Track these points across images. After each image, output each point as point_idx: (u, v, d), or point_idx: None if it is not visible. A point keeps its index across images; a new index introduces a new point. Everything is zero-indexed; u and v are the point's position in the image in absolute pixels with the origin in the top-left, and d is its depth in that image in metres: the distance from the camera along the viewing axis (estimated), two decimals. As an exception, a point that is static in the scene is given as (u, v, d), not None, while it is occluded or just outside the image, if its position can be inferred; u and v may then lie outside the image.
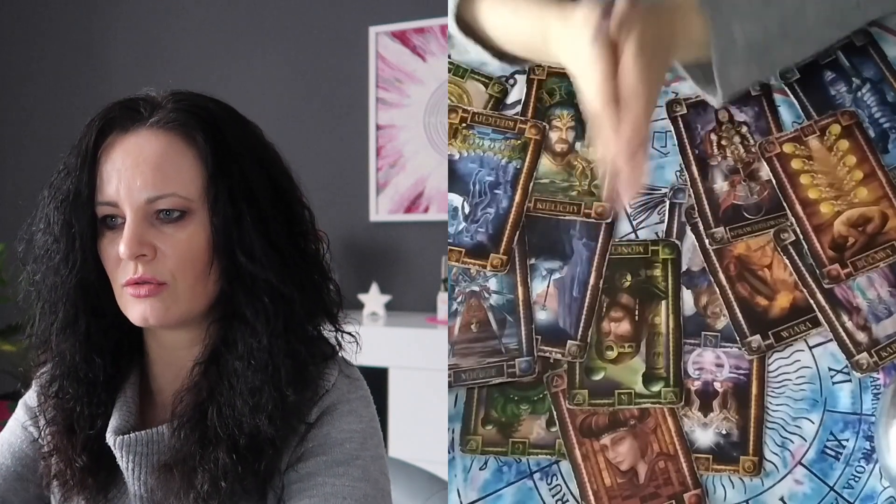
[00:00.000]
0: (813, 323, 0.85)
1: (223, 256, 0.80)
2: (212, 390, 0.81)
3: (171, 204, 0.78)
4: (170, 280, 0.79)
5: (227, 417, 0.79)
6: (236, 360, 0.80)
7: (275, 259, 0.81)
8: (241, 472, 0.78)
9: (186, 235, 0.79)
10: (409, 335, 2.42)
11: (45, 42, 3.46)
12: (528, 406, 0.86)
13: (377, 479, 0.82)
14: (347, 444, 0.82)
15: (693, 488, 0.82)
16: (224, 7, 3.13)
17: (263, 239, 0.80)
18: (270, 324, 0.80)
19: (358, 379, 0.87)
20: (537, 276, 0.89)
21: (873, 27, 0.93)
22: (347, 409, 0.83)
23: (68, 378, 0.84)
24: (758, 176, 0.90)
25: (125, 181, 0.78)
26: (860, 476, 0.81)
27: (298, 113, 2.98)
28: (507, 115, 0.94)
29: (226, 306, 0.82)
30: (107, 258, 0.80)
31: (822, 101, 0.92)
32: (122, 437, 0.82)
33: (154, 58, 3.23)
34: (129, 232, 0.77)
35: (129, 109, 0.82)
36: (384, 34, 2.85)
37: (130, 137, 0.80)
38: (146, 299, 0.78)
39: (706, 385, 0.85)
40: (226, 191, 0.79)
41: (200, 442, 0.79)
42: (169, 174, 0.79)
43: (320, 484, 0.79)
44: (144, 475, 0.82)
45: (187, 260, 0.79)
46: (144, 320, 0.79)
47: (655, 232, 0.90)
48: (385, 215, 2.86)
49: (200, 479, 0.78)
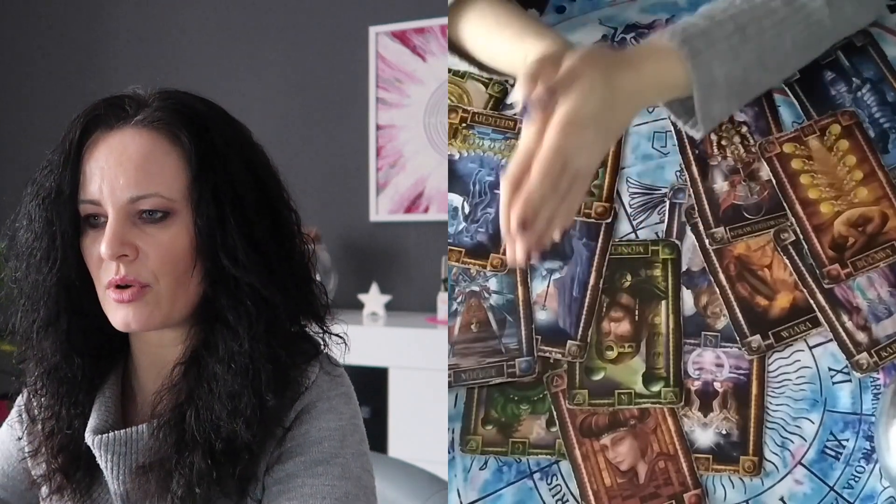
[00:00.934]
0: (813, 323, 0.85)
1: (206, 259, 0.79)
2: (191, 392, 0.80)
3: (154, 204, 0.77)
4: (152, 281, 0.78)
5: (205, 421, 0.78)
6: (216, 363, 0.79)
7: (258, 262, 0.79)
8: (217, 476, 0.77)
9: (169, 236, 0.78)
10: (409, 335, 2.41)
11: (46, 42, 3.46)
12: (528, 406, 0.86)
13: (359, 476, 0.81)
14: (326, 443, 0.80)
15: (693, 488, 0.82)
16: (224, 7, 3.13)
17: (247, 241, 0.79)
18: (252, 328, 0.79)
19: (339, 376, 0.85)
20: (537, 276, 0.89)
21: (874, 27, 0.93)
22: (326, 406, 0.82)
23: (49, 377, 0.84)
24: (758, 176, 0.90)
25: (108, 180, 0.77)
26: (860, 476, 0.81)
27: (298, 113, 2.98)
28: (507, 115, 0.94)
29: (208, 309, 0.81)
30: (89, 257, 0.79)
31: (822, 101, 0.92)
32: (100, 437, 0.81)
33: (154, 58, 3.23)
34: (110, 232, 0.76)
35: (115, 107, 0.80)
36: (384, 34, 2.85)
37: (115, 135, 0.79)
38: (129, 304, 0.77)
39: (706, 385, 0.85)
40: (210, 192, 0.78)
41: (177, 445, 0.78)
42: (152, 174, 0.77)
43: (300, 485, 0.78)
44: (123, 475, 0.81)
45: (169, 261, 0.78)
46: (127, 325, 0.78)
47: (655, 232, 0.90)
48: (385, 215, 2.86)
49: (176, 484, 0.77)
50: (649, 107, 0.90)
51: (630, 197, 0.91)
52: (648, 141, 0.92)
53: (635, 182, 0.91)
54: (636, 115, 0.85)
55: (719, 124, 0.92)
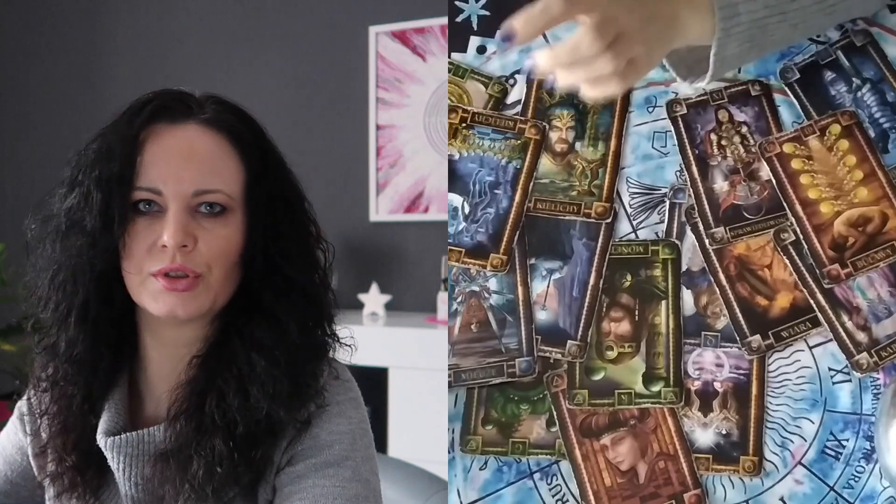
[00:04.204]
0: (813, 323, 0.85)
1: (257, 256, 0.82)
2: (213, 379, 0.81)
3: (216, 199, 0.80)
4: (205, 272, 0.80)
5: (230, 406, 0.80)
6: (253, 351, 0.82)
7: (305, 262, 0.85)
8: (237, 459, 0.79)
9: (226, 231, 0.81)
10: (409, 335, 2.42)
11: (46, 43, 3.46)
12: (528, 406, 0.86)
13: (368, 479, 0.82)
14: (337, 446, 0.82)
15: (693, 488, 0.82)
16: (224, 7, 3.13)
17: (295, 243, 0.85)
18: (299, 322, 0.84)
19: (348, 381, 0.88)
20: (537, 276, 0.89)
21: (873, 27, 0.94)
22: (336, 410, 0.84)
23: (72, 365, 0.84)
24: (758, 176, 0.90)
25: (173, 172, 0.79)
26: (860, 476, 0.81)
27: (298, 113, 2.98)
28: (507, 115, 0.94)
29: (245, 302, 0.84)
30: (137, 243, 0.79)
31: (822, 101, 0.92)
32: (112, 439, 0.82)
33: (154, 58, 3.23)
34: (175, 221, 0.78)
35: (179, 101, 0.83)
36: (384, 34, 2.85)
37: (180, 129, 0.81)
38: (180, 293, 0.79)
39: (706, 385, 0.85)
40: (265, 194, 0.83)
41: (198, 430, 0.80)
42: (216, 171, 0.81)
43: (310, 486, 0.79)
44: (135, 475, 0.82)
45: (222, 255, 0.81)
46: (171, 312, 0.79)
47: (655, 232, 0.90)
48: (385, 215, 2.86)
49: (196, 465, 0.78)
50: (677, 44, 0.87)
51: (630, 197, 0.91)
52: (648, 141, 0.92)
53: (635, 182, 0.91)
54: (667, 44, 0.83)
55: (720, 124, 0.92)
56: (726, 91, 0.92)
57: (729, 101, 0.91)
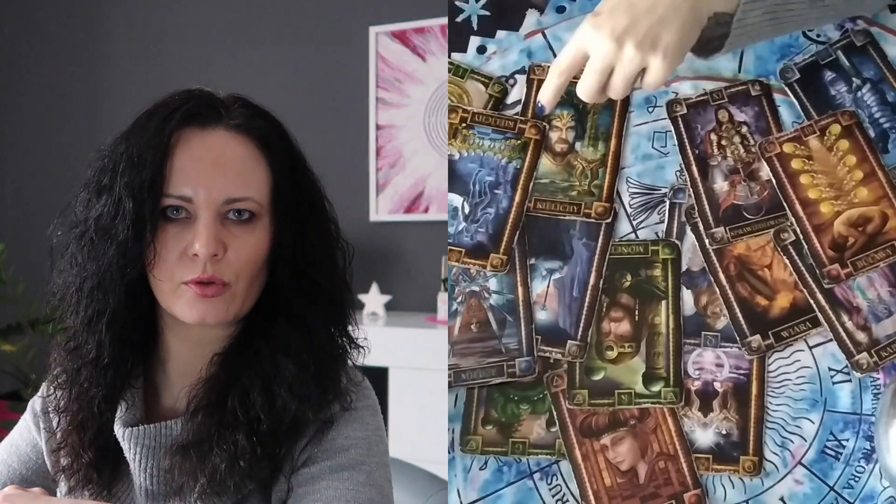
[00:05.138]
0: (813, 323, 0.85)
1: (283, 261, 0.83)
2: (236, 378, 0.82)
3: (247, 206, 0.80)
4: (233, 280, 0.80)
5: (252, 403, 0.80)
6: (279, 353, 0.82)
7: (330, 265, 0.86)
8: (260, 454, 0.79)
9: (254, 238, 0.81)
10: (409, 335, 2.42)
11: (46, 41, 3.46)
12: (528, 406, 0.86)
13: (382, 485, 0.83)
14: (353, 450, 0.82)
15: (693, 488, 0.82)
16: (224, 6, 3.13)
17: (320, 246, 0.85)
18: (326, 326, 0.85)
19: (366, 388, 0.89)
20: (537, 276, 0.89)
21: (874, 27, 0.93)
22: (355, 416, 0.84)
23: (97, 368, 0.84)
24: (758, 176, 0.90)
25: (204, 179, 0.78)
26: (860, 476, 0.81)
27: (298, 112, 2.98)
28: (507, 115, 0.94)
29: (269, 304, 0.84)
30: (168, 250, 0.79)
31: (822, 101, 0.92)
32: (130, 430, 0.83)
33: (154, 57, 3.23)
34: (207, 231, 0.78)
35: (207, 106, 0.82)
36: (384, 34, 2.85)
37: (209, 135, 0.80)
38: (210, 300, 0.79)
39: (706, 385, 0.85)
40: (294, 201, 0.83)
41: (219, 424, 0.80)
42: (247, 178, 0.80)
43: (325, 488, 0.79)
44: (152, 466, 0.82)
45: (250, 262, 0.81)
46: (201, 319, 0.79)
47: (655, 232, 0.90)
48: (385, 215, 2.86)
49: (218, 459, 0.78)
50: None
51: (630, 197, 0.91)
52: (648, 141, 0.92)
53: (635, 182, 0.91)
54: None
55: (720, 123, 0.92)
56: (726, 91, 0.92)
57: (729, 101, 0.91)
